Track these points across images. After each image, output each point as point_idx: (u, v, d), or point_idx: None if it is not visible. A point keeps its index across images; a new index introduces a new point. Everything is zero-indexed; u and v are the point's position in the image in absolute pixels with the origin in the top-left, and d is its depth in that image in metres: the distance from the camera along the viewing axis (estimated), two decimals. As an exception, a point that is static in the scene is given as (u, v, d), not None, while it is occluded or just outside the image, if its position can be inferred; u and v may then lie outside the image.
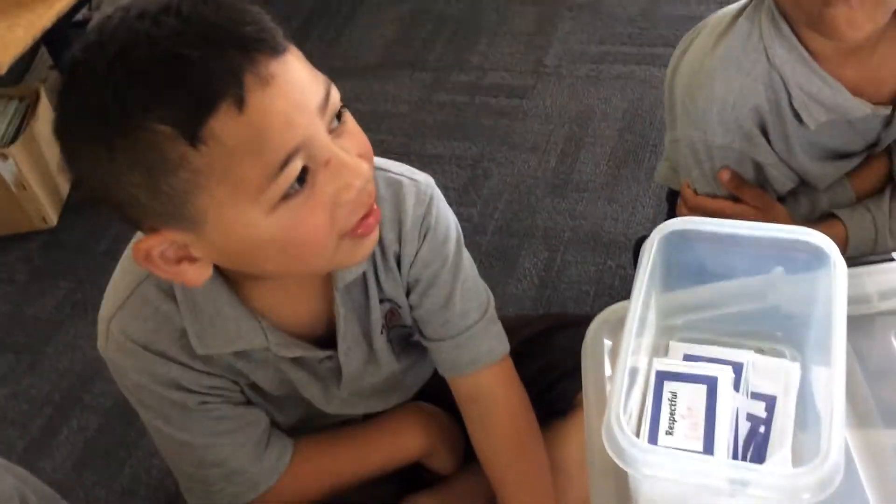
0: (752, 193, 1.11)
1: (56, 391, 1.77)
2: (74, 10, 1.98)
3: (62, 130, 0.69)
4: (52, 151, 2.21)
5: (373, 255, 0.91)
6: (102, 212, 0.71)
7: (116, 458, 1.61)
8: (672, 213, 1.41)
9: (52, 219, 2.19)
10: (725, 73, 1.05)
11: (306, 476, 1.00)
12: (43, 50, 2.38)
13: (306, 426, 1.04)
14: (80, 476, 1.60)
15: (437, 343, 0.99)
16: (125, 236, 0.84)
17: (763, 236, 0.77)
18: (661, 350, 0.82)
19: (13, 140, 2.12)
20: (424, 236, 0.93)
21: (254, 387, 0.95)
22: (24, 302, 2.00)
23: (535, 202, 1.97)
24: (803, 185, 1.14)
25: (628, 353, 0.70)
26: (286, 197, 0.68)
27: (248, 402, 0.96)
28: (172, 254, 0.73)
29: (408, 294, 0.97)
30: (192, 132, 0.63)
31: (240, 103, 0.64)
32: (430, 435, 1.09)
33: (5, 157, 2.05)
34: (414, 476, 1.11)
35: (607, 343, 0.83)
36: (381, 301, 0.95)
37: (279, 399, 0.98)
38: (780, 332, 0.81)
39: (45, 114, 2.21)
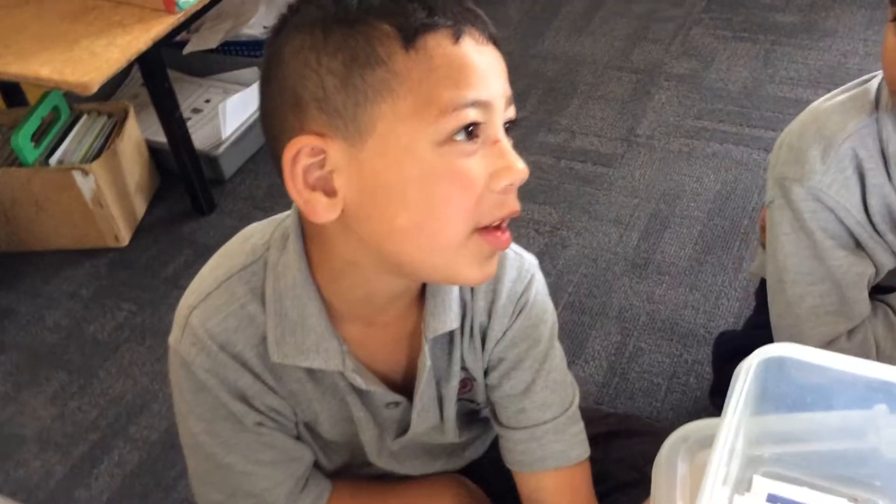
0: None
1: (103, 418, 1.75)
2: (172, 34, 1.98)
3: (283, 22, 0.75)
4: (132, 170, 2.22)
5: (462, 319, 0.89)
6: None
7: (153, 500, 1.57)
8: (761, 309, 1.35)
9: (125, 238, 2.20)
10: (842, 116, 1.06)
11: None
12: (136, 67, 2.39)
13: (345, 474, 1.01)
14: (114, 512, 1.57)
15: (508, 431, 0.95)
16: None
17: (867, 376, 0.71)
18: (743, 483, 0.76)
19: (97, 156, 2.13)
20: (518, 314, 0.91)
21: (308, 426, 0.93)
22: (85, 320, 2.00)
23: (611, 279, 1.90)
24: None
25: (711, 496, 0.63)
26: (455, 140, 0.71)
27: (299, 438, 0.93)
28: (314, 176, 0.73)
29: (486, 373, 0.94)
30: (411, 38, 0.70)
31: (457, 37, 0.71)
32: None
33: (86, 172, 2.06)
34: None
35: (681, 466, 0.76)
36: (461, 368, 0.92)
37: (329, 444, 0.95)
38: (878, 480, 0.75)
39: (130, 132, 2.23)
